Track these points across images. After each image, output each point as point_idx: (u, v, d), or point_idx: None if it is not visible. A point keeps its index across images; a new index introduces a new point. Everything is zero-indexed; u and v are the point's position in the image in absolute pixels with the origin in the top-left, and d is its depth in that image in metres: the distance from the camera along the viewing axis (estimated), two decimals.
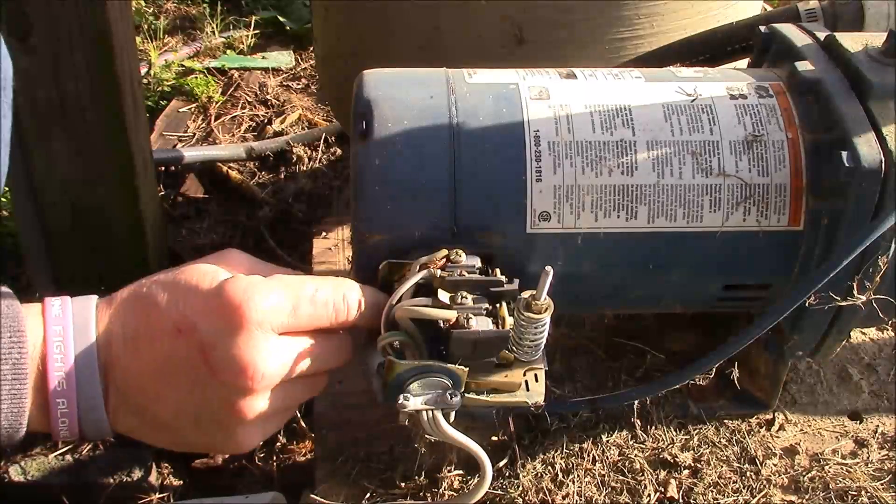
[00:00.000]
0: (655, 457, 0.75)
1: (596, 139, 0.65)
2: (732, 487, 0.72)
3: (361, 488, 0.72)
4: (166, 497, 1.08)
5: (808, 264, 0.66)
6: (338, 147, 1.59)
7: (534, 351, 0.61)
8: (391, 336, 0.61)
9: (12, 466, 1.08)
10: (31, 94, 1.00)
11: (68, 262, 1.14)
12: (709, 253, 0.67)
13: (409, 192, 0.64)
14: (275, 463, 1.10)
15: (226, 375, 0.54)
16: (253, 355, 0.54)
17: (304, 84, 1.85)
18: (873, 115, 0.63)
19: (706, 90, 0.68)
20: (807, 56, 0.68)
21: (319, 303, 0.58)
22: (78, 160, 1.06)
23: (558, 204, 0.64)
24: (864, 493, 0.72)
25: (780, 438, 0.78)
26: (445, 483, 0.72)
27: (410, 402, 0.59)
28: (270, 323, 0.55)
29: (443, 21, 0.91)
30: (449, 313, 0.59)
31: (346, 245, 1.04)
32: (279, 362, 0.56)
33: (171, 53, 1.90)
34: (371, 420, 0.77)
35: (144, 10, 2.05)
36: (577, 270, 0.66)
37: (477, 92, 0.67)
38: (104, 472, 1.07)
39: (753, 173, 0.65)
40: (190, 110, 1.74)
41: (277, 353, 0.56)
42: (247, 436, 0.58)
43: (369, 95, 0.65)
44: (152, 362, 0.55)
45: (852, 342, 0.86)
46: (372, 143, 0.64)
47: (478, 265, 0.62)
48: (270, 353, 0.55)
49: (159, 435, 0.59)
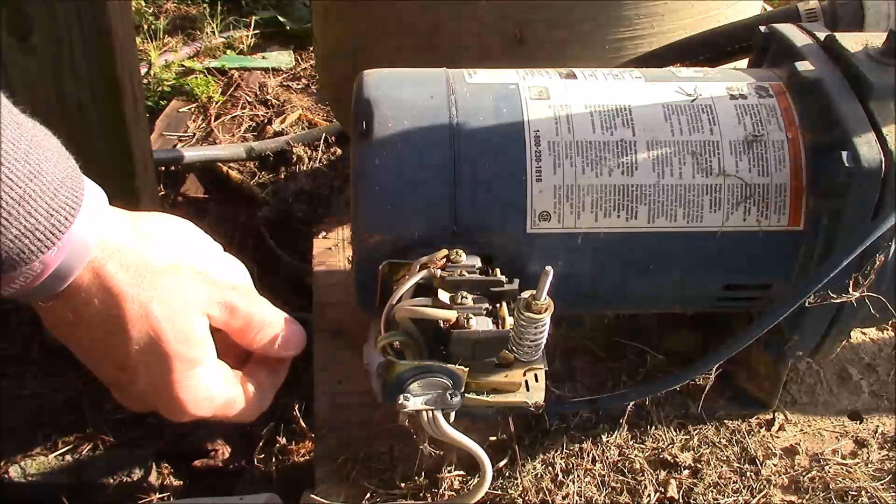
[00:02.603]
0: (655, 457, 0.75)
1: (596, 139, 0.65)
2: (732, 487, 0.72)
3: (361, 488, 0.72)
4: (166, 497, 1.08)
5: (808, 264, 0.66)
6: (338, 147, 1.59)
7: (534, 351, 0.61)
8: (391, 336, 0.61)
9: (12, 466, 1.08)
10: (31, 94, 1.00)
11: None
12: (709, 253, 0.67)
13: (409, 193, 0.64)
14: (274, 463, 1.09)
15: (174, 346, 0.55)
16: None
17: (304, 84, 1.85)
18: (873, 115, 0.63)
19: (706, 90, 0.68)
20: (807, 56, 0.68)
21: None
22: (78, 160, 1.06)
23: (558, 204, 0.64)
24: (864, 493, 0.72)
25: (780, 438, 0.78)
26: (445, 483, 0.72)
27: (410, 402, 0.59)
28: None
29: (443, 21, 0.91)
30: (449, 313, 0.59)
31: (346, 245, 1.04)
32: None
33: (171, 53, 1.90)
34: (371, 420, 0.77)
35: (144, 10, 2.05)
36: (577, 270, 0.66)
37: (477, 92, 0.67)
38: (104, 472, 1.07)
39: (753, 173, 0.65)
40: (190, 110, 1.74)
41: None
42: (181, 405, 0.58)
43: (369, 95, 0.65)
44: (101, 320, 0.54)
45: (852, 342, 0.86)
46: (372, 143, 0.64)
47: (478, 265, 0.62)
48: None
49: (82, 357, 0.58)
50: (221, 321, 0.59)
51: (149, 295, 0.54)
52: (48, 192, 0.48)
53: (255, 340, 0.61)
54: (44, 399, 1.19)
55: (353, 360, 0.79)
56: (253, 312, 0.60)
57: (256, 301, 0.61)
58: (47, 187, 0.48)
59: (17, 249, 0.48)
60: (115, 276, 0.53)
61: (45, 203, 0.48)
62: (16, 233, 0.48)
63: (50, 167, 0.49)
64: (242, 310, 0.59)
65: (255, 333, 0.61)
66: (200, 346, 0.57)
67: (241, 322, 0.60)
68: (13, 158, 0.47)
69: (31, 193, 0.48)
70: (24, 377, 1.21)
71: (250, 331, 0.61)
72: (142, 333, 0.54)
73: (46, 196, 0.48)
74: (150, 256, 0.55)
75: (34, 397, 1.19)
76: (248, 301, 0.60)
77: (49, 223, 0.49)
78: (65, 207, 0.49)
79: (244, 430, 1.15)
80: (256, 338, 0.61)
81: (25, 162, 0.47)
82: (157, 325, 0.54)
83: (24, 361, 1.23)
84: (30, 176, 0.47)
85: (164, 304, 0.55)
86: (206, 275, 0.57)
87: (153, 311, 0.54)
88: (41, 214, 0.48)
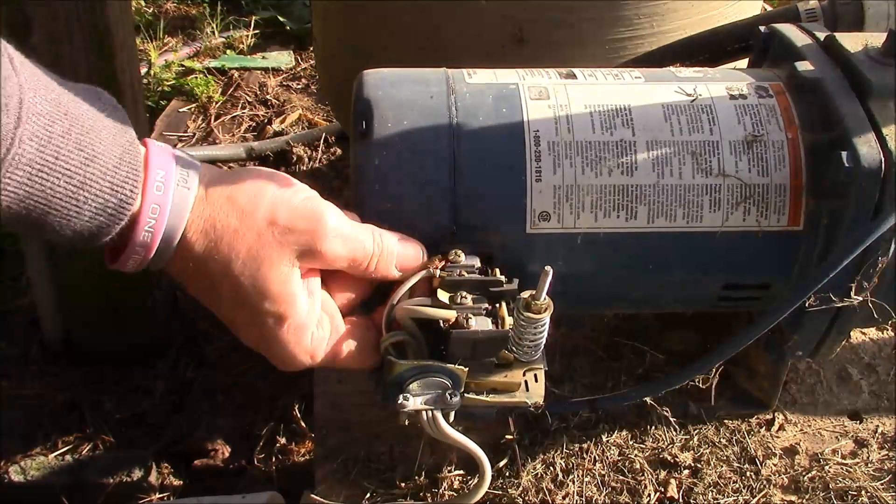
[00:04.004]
0: (655, 457, 0.75)
1: (596, 139, 0.65)
2: (732, 487, 0.72)
3: (361, 488, 0.72)
4: (166, 497, 1.08)
5: (808, 264, 0.66)
6: (338, 147, 1.59)
7: (533, 351, 0.61)
8: (391, 336, 0.61)
9: (12, 466, 1.08)
10: None
11: (68, 262, 1.14)
12: (708, 253, 0.67)
13: (409, 192, 0.64)
14: (274, 463, 1.10)
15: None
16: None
17: (304, 84, 1.85)
18: (873, 115, 0.63)
19: (706, 90, 0.68)
20: (807, 56, 0.68)
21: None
22: None
23: (558, 204, 0.64)
24: (864, 493, 0.72)
25: (780, 438, 0.78)
26: (445, 483, 0.72)
27: (410, 402, 0.59)
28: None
29: (443, 21, 0.91)
30: (448, 313, 0.59)
31: None
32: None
33: (171, 53, 1.90)
34: (371, 420, 0.77)
35: (144, 10, 2.05)
36: (577, 270, 0.66)
37: (477, 92, 0.67)
38: (104, 472, 1.07)
39: (753, 173, 0.65)
40: (190, 110, 1.74)
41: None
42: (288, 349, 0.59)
43: (369, 95, 0.65)
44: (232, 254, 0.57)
45: (852, 342, 0.86)
46: (372, 143, 0.64)
47: (477, 265, 0.62)
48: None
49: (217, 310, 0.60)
50: (319, 265, 0.59)
51: (227, 256, 0.56)
52: (108, 171, 0.52)
53: (370, 273, 0.61)
54: (44, 399, 1.19)
55: None
56: (338, 250, 0.59)
57: (342, 237, 0.59)
58: (106, 167, 0.52)
59: (96, 227, 0.53)
60: (193, 241, 0.56)
61: (108, 182, 0.52)
62: (89, 214, 0.52)
63: (103, 149, 0.52)
64: (330, 252, 0.58)
65: (364, 267, 0.60)
66: (286, 301, 0.57)
67: (339, 261, 0.59)
68: (66, 150, 0.51)
69: (92, 177, 0.52)
70: (24, 377, 1.21)
71: (357, 266, 0.60)
72: (229, 293, 0.57)
73: (108, 175, 0.52)
74: (225, 216, 0.56)
75: (34, 397, 1.19)
76: (331, 241, 0.58)
77: (116, 199, 0.53)
78: (127, 182, 0.53)
79: (244, 430, 1.15)
80: (369, 270, 0.60)
81: (79, 150, 0.51)
82: (238, 284, 0.56)
83: (24, 361, 1.23)
84: (86, 162, 0.51)
85: (242, 262, 0.56)
86: (283, 227, 0.57)
87: (233, 270, 0.56)
88: (106, 193, 0.52)
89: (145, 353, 1.25)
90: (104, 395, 1.20)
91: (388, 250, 0.61)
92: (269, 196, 0.58)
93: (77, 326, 1.23)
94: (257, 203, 0.57)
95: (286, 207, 0.58)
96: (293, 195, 0.58)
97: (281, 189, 0.58)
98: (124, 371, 1.23)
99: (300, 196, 0.59)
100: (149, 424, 1.17)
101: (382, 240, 0.61)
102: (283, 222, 0.57)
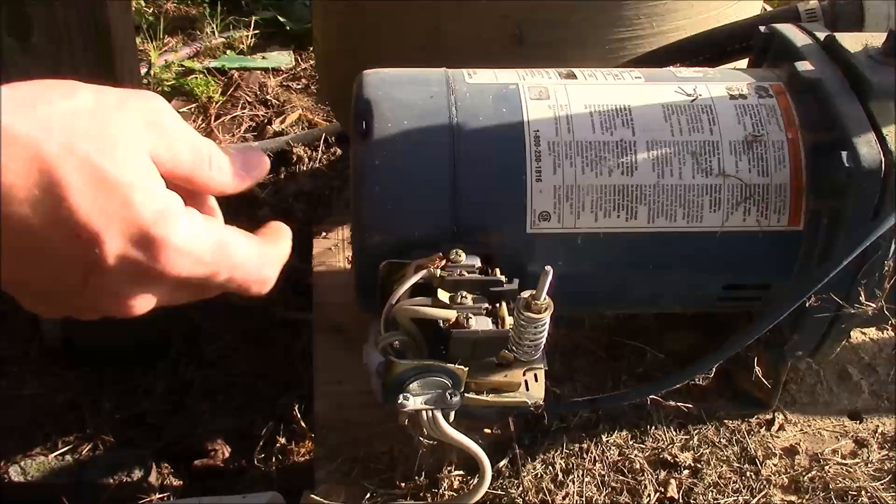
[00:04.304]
0: (655, 457, 0.75)
1: (596, 139, 0.65)
2: (732, 487, 0.72)
3: (361, 488, 0.72)
4: (166, 497, 1.08)
5: (808, 264, 0.66)
6: (338, 147, 1.58)
7: (534, 351, 0.61)
8: (391, 336, 0.61)
9: (12, 466, 1.08)
10: None
11: None
12: (709, 253, 0.67)
13: (409, 192, 0.64)
14: (274, 463, 1.10)
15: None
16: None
17: (304, 84, 1.85)
18: (873, 115, 0.63)
19: (706, 90, 0.68)
20: (807, 56, 0.68)
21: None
22: None
23: (558, 204, 0.64)
24: (864, 493, 0.72)
25: (780, 438, 0.78)
26: (445, 483, 0.72)
27: (410, 402, 0.59)
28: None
29: (443, 21, 0.91)
30: (448, 313, 0.59)
31: (346, 245, 1.04)
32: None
33: (171, 53, 1.89)
34: (371, 420, 0.77)
35: (144, 10, 2.05)
36: (577, 270, 0.66)
37: (477, 92, 0.67)
38: (104, 472, 1.07)
39: (753, 173, 0.65)
40: (190, 110, 1.74)
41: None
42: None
43: (369, 95, 0.65)
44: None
45: (852, 342, 0.86)
46: (372, 143, 0.64)
47: (477, 265, 0.62)
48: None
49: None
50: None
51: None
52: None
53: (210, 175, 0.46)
54: (44, 399, 1.19)
55: (353, 360, 0.79)
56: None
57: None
58: None
59: None
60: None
61: None
62: None
63: None
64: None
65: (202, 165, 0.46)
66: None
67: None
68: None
69: None
70: (24, 377, 1.21)
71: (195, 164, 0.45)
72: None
73: None
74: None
75: (34, 397, 1.19)
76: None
77: None
78: None
79: (244, 430, 1.15)
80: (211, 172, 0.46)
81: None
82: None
83: (24, 361, 1.23)
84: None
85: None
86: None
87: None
88: None
89: (145, 353, 1.25)
90: (104, 395, 1.20)
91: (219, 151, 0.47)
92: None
93: (76, 326, 1.22)
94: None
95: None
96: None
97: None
98: (124, 371, 1.23)
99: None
100: (149, 424, 1.17)
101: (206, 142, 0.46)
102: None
